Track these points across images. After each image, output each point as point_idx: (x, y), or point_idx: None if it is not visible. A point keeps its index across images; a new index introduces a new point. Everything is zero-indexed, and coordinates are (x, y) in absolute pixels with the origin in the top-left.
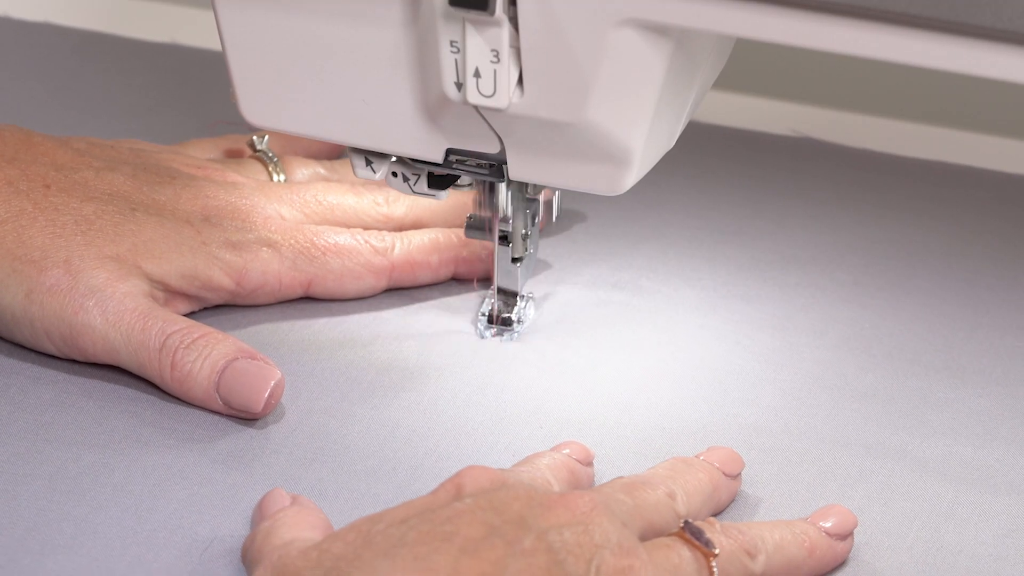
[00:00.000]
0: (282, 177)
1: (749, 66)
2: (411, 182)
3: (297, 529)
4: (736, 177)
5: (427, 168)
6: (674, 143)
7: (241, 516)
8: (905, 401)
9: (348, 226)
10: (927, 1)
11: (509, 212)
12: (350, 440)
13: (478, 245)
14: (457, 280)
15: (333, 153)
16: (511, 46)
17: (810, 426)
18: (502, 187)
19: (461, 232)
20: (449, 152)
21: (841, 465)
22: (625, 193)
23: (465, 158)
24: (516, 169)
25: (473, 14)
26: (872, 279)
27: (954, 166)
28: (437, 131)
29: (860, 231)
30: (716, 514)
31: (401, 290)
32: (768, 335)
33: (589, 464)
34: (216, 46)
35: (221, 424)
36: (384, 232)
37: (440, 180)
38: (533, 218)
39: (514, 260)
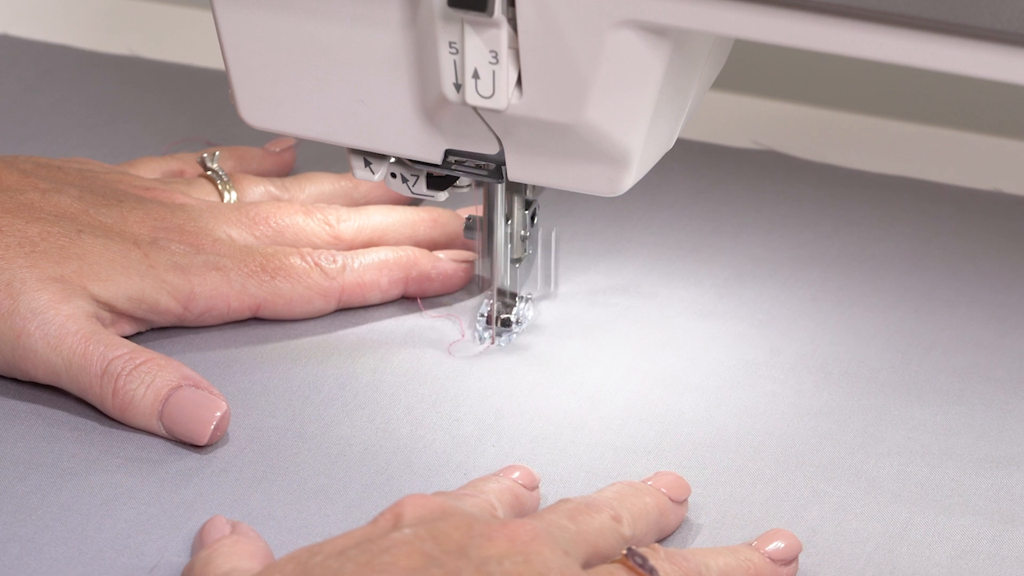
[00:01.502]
0: (233, 196)
1: (749, 66)
2: (410, 183)
3: (235, 559)
4: (696, 191)
5: (426, 169)
6: (673, 144)
7: (188, 537)
8: (861, 420)
9: (298, 246)
10: (927, 1)
11: (508, 213)
12: (301, 459)
13: (428, 264)
14: (408, 299)
15: (285, 171)
16: (510, 47)
17: (764, 445)
18: (500, 188)
19: (412, 251)
20: (448, 153)
21: (795, 485)
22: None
23: (464, 159)
24: (515, 170)
25: (472, 15)
26: (830, 295)
27: (914, 180)
28: (436, 132)
29: (819, 246)
30: (662, 539)
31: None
32: (725, 352)
33: (535, 488)
34: (177, 59)
35: (170, 443)
36: (334, 252)
37: (439, 181)
38: (532, 219)
39: (513, 261)
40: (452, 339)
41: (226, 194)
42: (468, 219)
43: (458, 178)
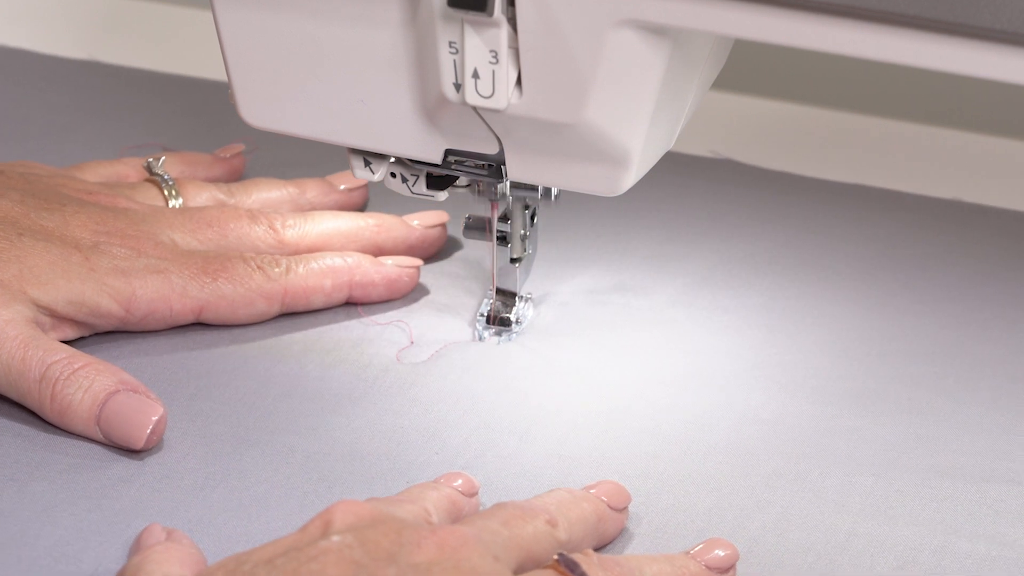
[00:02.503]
0: (179, 201)
1: (749, 66)
2: (410, 183)
3: (167, 565)
4: (652, 199)
5: (426, 169)
6: (673, 143)
7: (127, 544)
8: (809, 429)
9: (241, 251)
10: (927, 1)
11: (508, 213)
12: (243, 466)
13: (372, 269)
14: (351, 304)
15: (234, 177)
16: (510, 47)
17: (710, 454)
18: (500, 188)
19: (356, 256)
20: (448, 153)
21: (738, 495)
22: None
23: (464, 159)
24: (515, 170)
25: (472, 15)
26: (783, 303)
27: (874, 189)
28: (436, 132)
29: (774, 254)
30: (601, 547)
31: (298, 314)
32: (676, 360)
33: (474, 495)
34: (137, 64)
35: (112, 449)
36: (278, 257)
37: (439, 181)
38: (532, 219)
39: (513, 261)
40: (401, 346)
41: (171, 199)
42: (468, 219)
43: (458, 178)
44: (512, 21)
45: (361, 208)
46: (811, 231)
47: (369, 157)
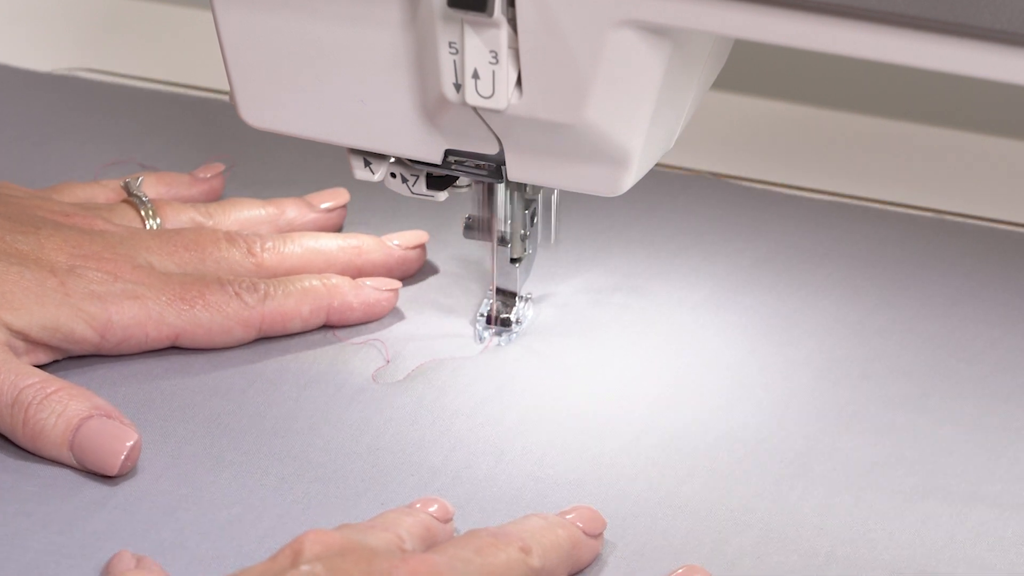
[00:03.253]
0: (156, 223)
1: (749, 66)
2: (410, 183)
3: None
4: (632, 216)
5: (426, 169)
6: (673, 144)
7: (98, 567)
8: (789, 449)
9: (219, 275)
10: (927, 1)
11: (507, 213)
12: (216, 488)
13: (351, 293)
14: (328, 328)
15: (213, 197)
16: (510, 47)
17: (689, 475)
18: (500, 188)
19: (335, 279)
20: (448, 153)
21: (717, 517)
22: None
23: (464, 159)
24: (515, 170)
25: (472, 15)
26: (762, 321)
27: (856, 206)
28: (436, 132)
29: (755, 271)
30: (577, 573)
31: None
32: (653, 379)
33: (448, 521)
34: (117, 78)
35: (84, 472)
36: (255, 280)
37: (439, 181)
38: (532, 219)
39: (513, 261)
40: (377, 365)
41: (149, 220)
42: (468, 219)
43: (458, 178)
44: (512, 21)
45: (339, 228)
46: (792, 248)
47: (369, 157)
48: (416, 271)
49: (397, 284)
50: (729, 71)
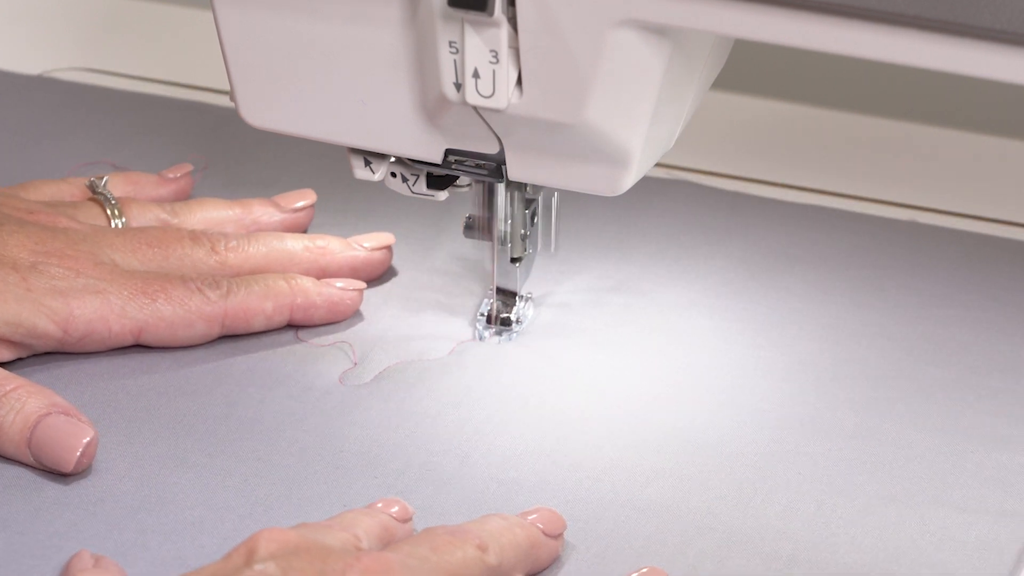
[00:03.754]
0: (121, 221)
1: (749, 66)
2: (410, 182)
3: None
4: (608, 222)
5: (426, 168)
6: (673, 143)
7: (58, 567)
8: (753, 453)
9: (183, 272)
10: (927, 1)
11: (508, 213)
12: (179, 489)
13: (314, 292)
14: (292, 327)
15: (180, 196)
16: (510, 47)
17: (654, 478)
18: (501, 187)
19: (299, 278)
20: (448, 152)
21: (680, 520)
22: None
23: (464, 158)
24: (515, 170)
25: (472, 15)
26: (731, 325)
27: (829, 209)
28: (436, 131)
29: (726, 274)
30: (535, 574)
31: (240, 336)
32: (620, 383)
33: (407, 521)
34: (93, 80)
35: (44, 470)
36: (219, 278)
37: (439, 180)
38: (532, 218)
39: (513, 260)
40: (344, 367)
41: (114, 219)
42: (468, 218)
43: (458, 177)
44: (512, 21)
45: (306, 229)
46: (764, 252)
47: (369, 157)
48: (382, 273)
49: (362, 285)
50: (729, 71)
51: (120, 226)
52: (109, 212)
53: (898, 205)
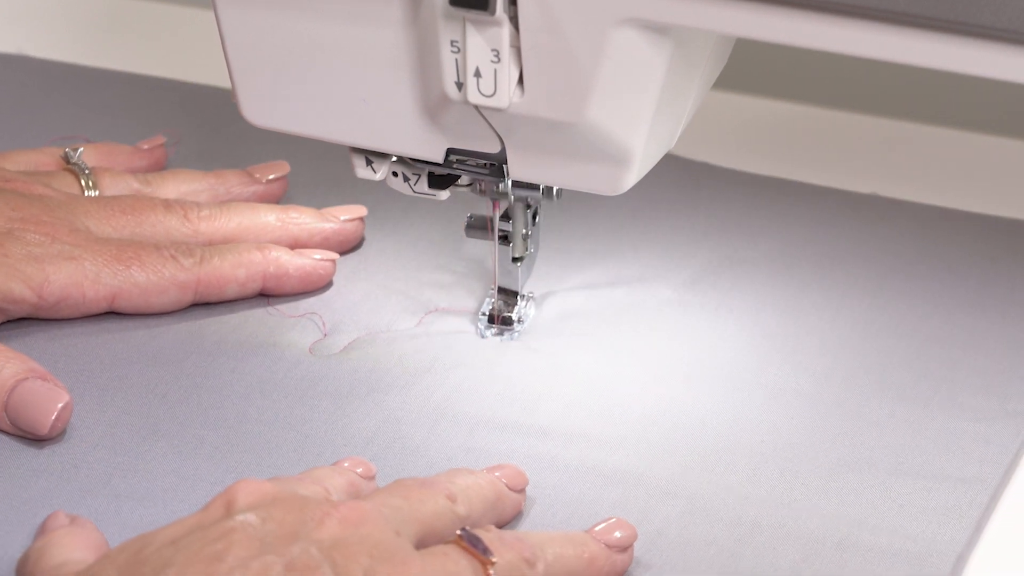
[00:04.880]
0: (95, 192)
1: (749, 66)
2: (411, 182)
3: (69, 550)
4: (654, 199)
5: (427, 168)
6: (675, 143)
7: (33, 532)
8: (716, 421)
9: (156, 240)
10: (927, 1)
11: (509, 212)
12: (152, 456)
13: (286, 260)
14: (264, 296)
15: (155, 168)
16: (511, 46)
17: (619, 447)
18: (502, 187)
19: (271, 247)
20: (449, 152)
21: (644, 487)
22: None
23: (465, 158)
24: (516, 169)
25: (474, 14)
26: (695, 297)
27: (792, 182)
28: (437, 131)
29: (688, 248)
30: (499, 527)
31: (213, 306)
32: (584, 355)
33: (371, 479)
34: (65, 58)
35: (20, 438)
36: (192, 246)
37: (441, 180)
38: (533, 218)
39: (514, 260)
40: (315, 338)
41: (88, 189)
42: (470, 218)
43: (460, 177)
44: (514, 20)
45: (280, 200)
46: (726, 226)
47: (371, 156)
48: (354, 245)
49: (334, 255)
50: (730, 71)
51: (93, 196)
52: (83, 182)
53: (898, 204)
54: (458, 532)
